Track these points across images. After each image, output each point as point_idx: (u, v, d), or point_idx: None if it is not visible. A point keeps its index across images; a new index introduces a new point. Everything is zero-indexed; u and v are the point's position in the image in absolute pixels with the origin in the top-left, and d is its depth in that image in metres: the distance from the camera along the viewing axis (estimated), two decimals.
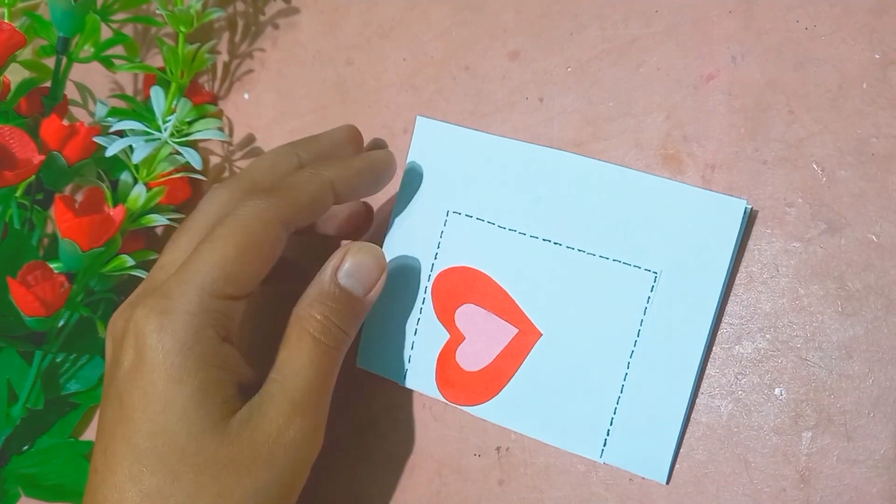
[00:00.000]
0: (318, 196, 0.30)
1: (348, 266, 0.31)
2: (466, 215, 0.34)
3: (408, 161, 0.35)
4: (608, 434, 0.31)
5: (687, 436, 0.30)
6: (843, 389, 0.28)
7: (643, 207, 0.31)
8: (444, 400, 0.33)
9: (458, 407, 0.33)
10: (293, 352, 0.29)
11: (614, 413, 0.31)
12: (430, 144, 0.35)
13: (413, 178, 0.35)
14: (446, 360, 0.34)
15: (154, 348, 0.27)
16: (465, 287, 0.33)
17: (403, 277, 0.34)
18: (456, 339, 0.33)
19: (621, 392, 0.31)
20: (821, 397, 0.29)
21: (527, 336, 0.32)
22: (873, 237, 0.29)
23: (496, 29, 0.35)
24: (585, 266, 0.31)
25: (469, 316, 0.33)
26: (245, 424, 0.27)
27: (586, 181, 0.32)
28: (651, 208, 0.31)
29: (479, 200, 0.33)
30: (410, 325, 0.34)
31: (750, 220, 0.30)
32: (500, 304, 0.33)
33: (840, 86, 0.30)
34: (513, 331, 0.33)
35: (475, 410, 0.33)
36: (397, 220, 0.35)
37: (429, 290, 0.34)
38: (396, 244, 0.35)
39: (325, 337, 0.29)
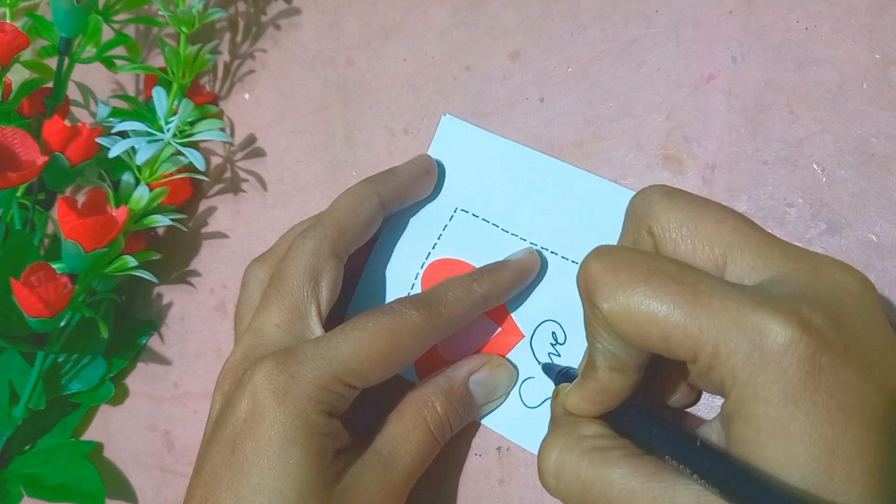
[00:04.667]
0: (469, 315, 0.31)
1: (483, 376, 0.32)
2: (473, 214, 0.34)
3: (428, 153, 0.36)
4: None
5: None
6: None
7: None
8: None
9: None
10: (406, 434, 0.29)
11: None
12: (452, 142, 0.35)
13: None
14: None
15: (275, 407, 0.27)
16: None
17: (399, 260, 0.35)
18: None
19: None
20: None
21: (509, 336, 0.33)
22: (873, 237, 0.29)
23: (496, 29, 0.35)
24: (575, 277, 0.32)
25: None
26: (347, 492, 0.28)
27: (591, 197, 0.32)
28: None
29: (488, 202, 0.34)
30: None
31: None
32: None
33: (840, 86, 0.30)
34: (496, 328, 0.33)
35: None
36: (403, 208, 0.35)
37: (419, 276, 0.35)
38: (400, 226, 0.35)
39: (437, 432, 0.30)
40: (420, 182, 0.34)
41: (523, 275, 0.32)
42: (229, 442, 0.27)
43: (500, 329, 0.33)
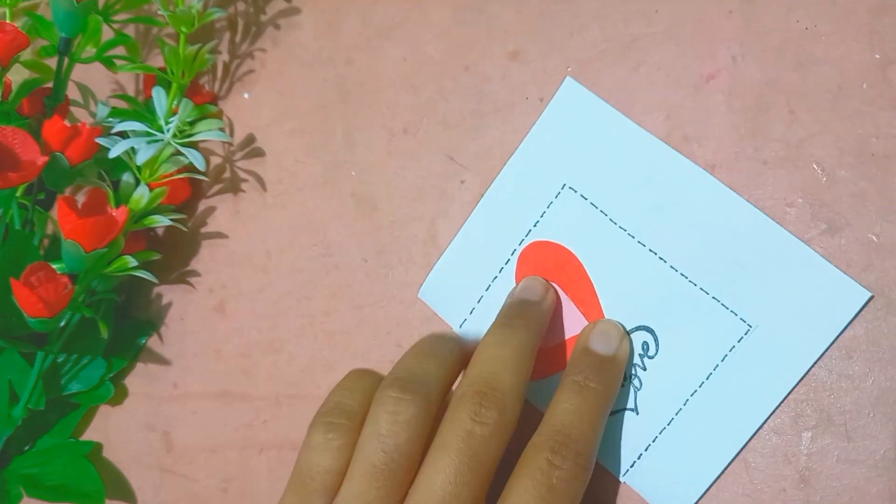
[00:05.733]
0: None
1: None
2: (581, 196, 0.32)
3: (541, 118, 0.33)
4: (639, 458, 0.30)
5: None
6: (843, 389, 0.28)
7: (763, 257, 0.29)
8: None
9: None
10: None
11: (653, 441, 0.30)
12: (570, 111, 0.33)
13: (540, 138, 0.33)
14: None
15: None
16: (553, 265, 0.32)
17: (496, 231, 0.33)
18: None
19: (668, 424, 0.30)
20: (821, 397, 0.29)
21: None
22: (873, 237, 0.29)
23: (496, 29, 0.35)
24: (681, 292, 0.30)
25: None
26: None
27: (714, 209, 0.30)
28: (771, 261, 0.29)
29: (599, 185, 0.31)
30: (485, 279, 0.33)
31: None
32: (583, 295, 0.32)
33: (840, 86, 0.30)
34: (585, 324, 0.32)
35: None
36: (510, 172, 0.33)
37: (517, 253, 0.33)
38: (501, 196, 0.33)
39: None
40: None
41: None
42: None
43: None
